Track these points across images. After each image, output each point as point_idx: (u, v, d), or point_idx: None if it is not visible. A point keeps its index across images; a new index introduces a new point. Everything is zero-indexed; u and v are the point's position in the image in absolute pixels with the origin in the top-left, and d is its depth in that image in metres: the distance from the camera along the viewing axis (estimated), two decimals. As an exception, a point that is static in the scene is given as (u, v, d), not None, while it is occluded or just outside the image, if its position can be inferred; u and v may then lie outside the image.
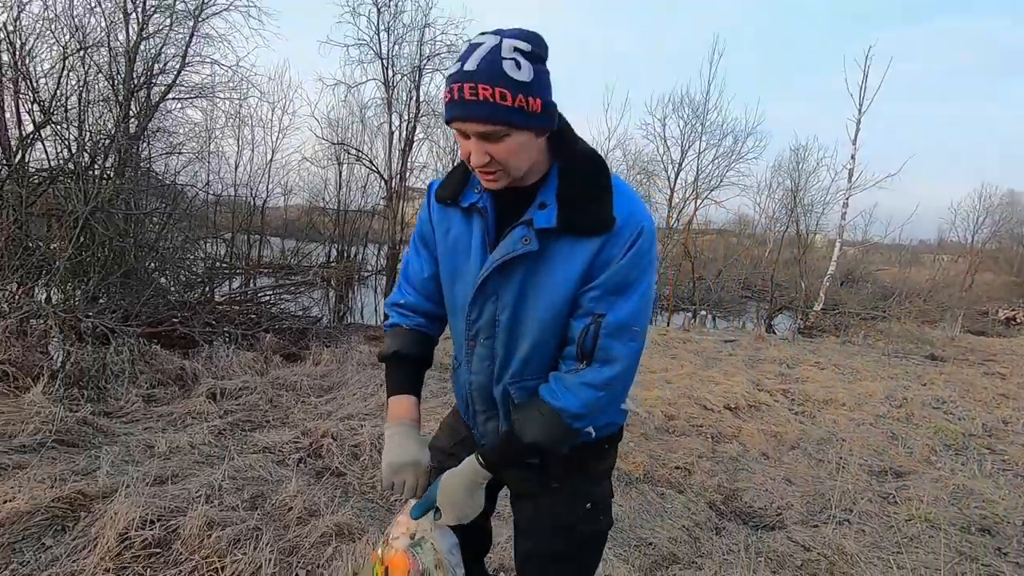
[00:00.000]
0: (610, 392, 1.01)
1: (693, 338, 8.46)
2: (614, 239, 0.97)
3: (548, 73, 0.95)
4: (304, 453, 3.41)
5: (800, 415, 5.20)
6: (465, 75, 0.89)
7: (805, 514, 3.37)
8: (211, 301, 6.96)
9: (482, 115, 0.90)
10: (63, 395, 3.86)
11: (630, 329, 1.00)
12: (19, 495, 2.21)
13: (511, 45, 0.90)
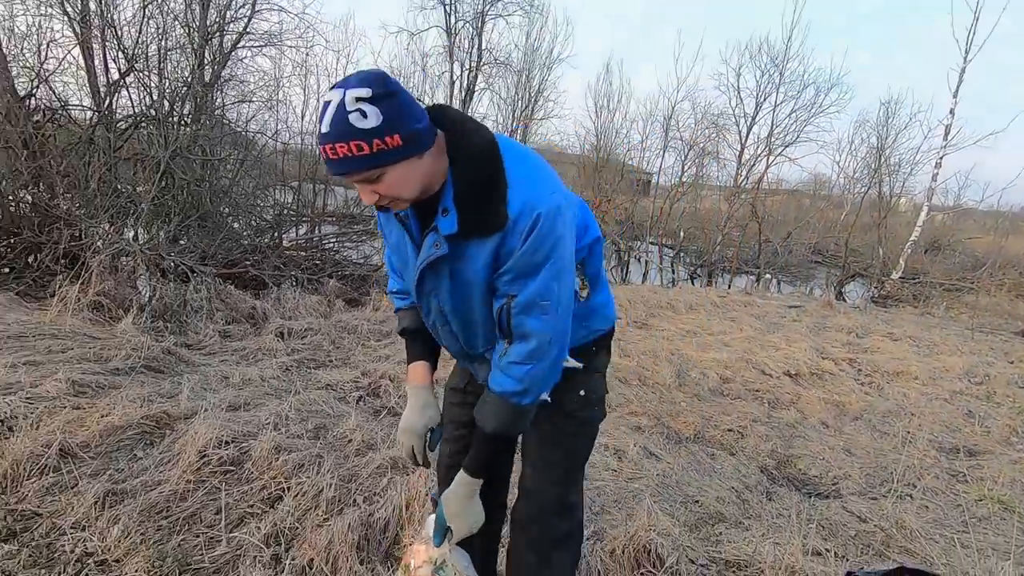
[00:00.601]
0: (539, 362, 1.11)
1: (755, 302, 8.15)
2: (511, 232, 1.04)
3: (400, 101, 0.98)
4: (363, 392, 3.58)
5: (866, 386, 4.95)
6: (324, 137, 0.96)
7: (864, 486, 3.26)
8: (279, 246, 7.28)
9: (349, 169, 0.98)
10: (150, 326, 4.20)
11: (538, 304, 1.08)
12: (114, 411, 2.45)
13: (352, 97, 0.94)
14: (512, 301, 1.09)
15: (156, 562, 1.69)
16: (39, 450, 2.10)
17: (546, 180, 1.09)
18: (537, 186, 1.06)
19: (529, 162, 1.10)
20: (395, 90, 0.97)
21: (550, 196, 1.05)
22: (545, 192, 1.06)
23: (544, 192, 1.05)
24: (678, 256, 13.41)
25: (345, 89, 0.95)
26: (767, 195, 14.16)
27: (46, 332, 3.43)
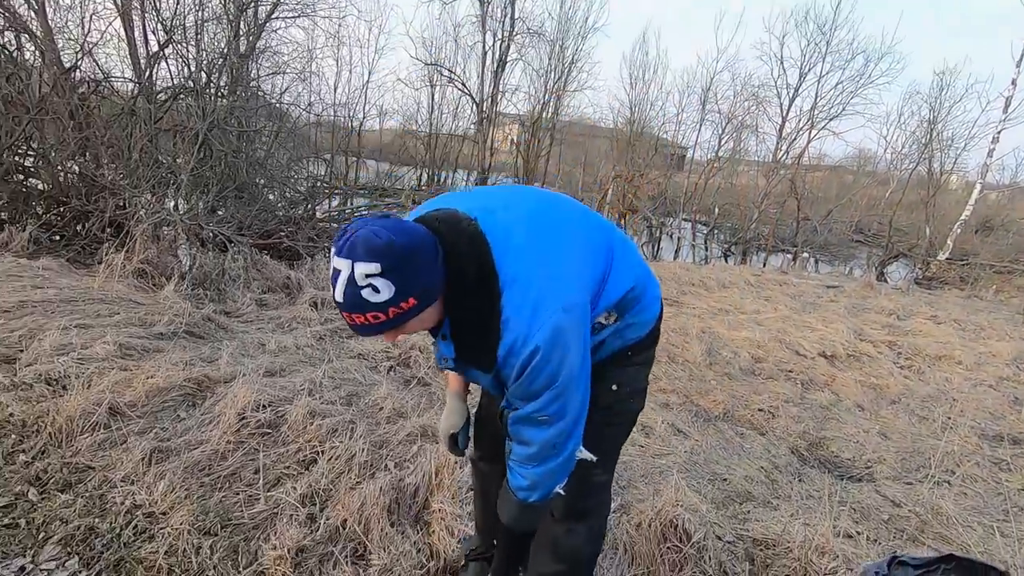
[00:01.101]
0: (542, 464, 1.10)
1: (791, 281, 7.93)
2: (505, 369, 1.05)
3: (410, 266, 0.95)
4: (394, 362, 3.64)
5: (906, 369, 4.80)
6: (338, 303, 0.96)
7: (899, 470, 3.19)
8: (313, 218, 7.39)
9: (368, 334, 0.99)
10: (190, 294, 4.34)
11: (535, 419, 1.07)
12: (159, 373, 2.55)
13: (362, 273, 0.92)
14: (510, 412, 1.10)
15: (199, 516, 1.77)
16: (91, 408, 2.21)
17: (549, 299, 1.01)
18: (533, 319, 1.00)
19: (530, 291, 1.01)
20: (405, 255, 0.94)
21: (544, 325, 0.99)
22: (540, 322, 0.99)
23: (538, 323, 0.99)
24: (711, 233, 13.11)
25: (353, 261, 0.92)
26: (807, 171, 13.66)
27: (95, 297, 3.58)
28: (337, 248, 0.94)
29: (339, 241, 0.94)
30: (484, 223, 1.05)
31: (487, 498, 1.55)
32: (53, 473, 1.95)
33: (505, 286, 1.01)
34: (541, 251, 1.05)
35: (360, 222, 0.95)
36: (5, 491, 1.86)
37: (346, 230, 0.95)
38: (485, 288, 1.01)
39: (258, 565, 1.63)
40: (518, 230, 1.06)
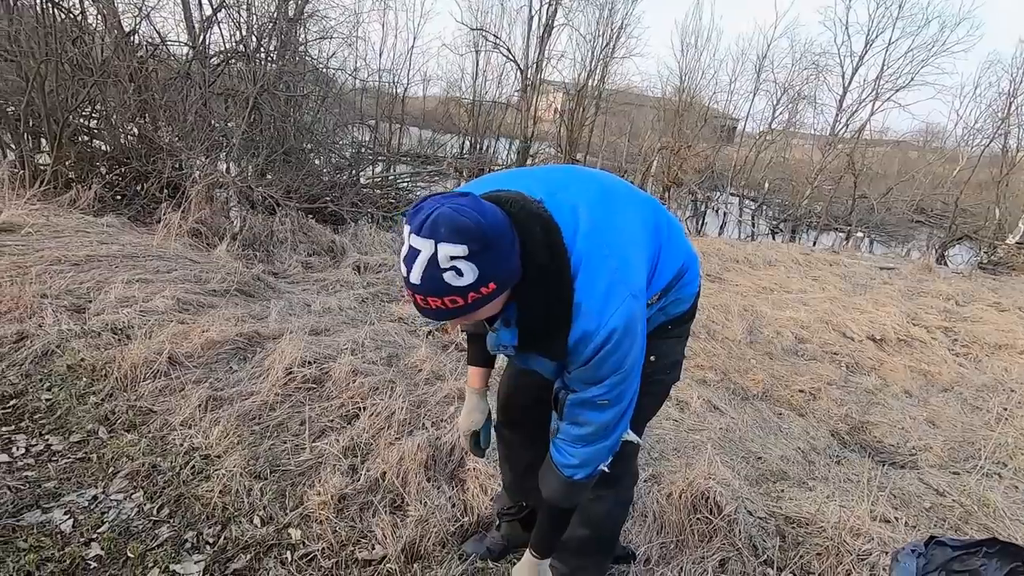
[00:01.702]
0: (593, 444, 1.10)
1: (842, 261, 7.62)
2: (572, 356, 1.02)
3: (496, 250, 0.90)
4: (432, 328, 3.71)
5: (961, 357, 4.59)
6: (413, 286, 0.89)
7: (945, 459, 3.09)
8: (357, 183, 7.52)
9: (442, 319, 0.94)
10: (241, 254, 4.52)
11: (594, 403, 1.06)
12: (213, 328, 2.69)
13: (447, 254, 0.85)
14: (570, 394, 1.08)
15: (250, 461, 1.89)
16: (152, 356, 2.36)
17: (619, 285, 0.99)
18: (604, 308, 0.98)
19: (603, 275, 0.99)
20: (491, 237, 0.88)
21: (613, 316, 0.97)
22: (609, 312, 0.97)
23: (608, 313, 0.97)
24: (760, 209, 12.66)
25: (436, 242, 0.85)
26: (868, 146, 12.92)
27: (154, 254, 3.77)
28: (415, 226, 0.86)
29: (416, 217, 0.87)
30: (550, 205, 1.01)
31: (512, 462, 1.59)
32: (120, 415, 2.11)
33: (575, 272, 0.98)
34: (606, 236, 1.02)
35: (437, 199, 0.89)
36: (78, 428, 2.02)
37: (421, 207, 0.88)
38: (556, 274, 0.97)
39: (303, 508, 1.73)
40: (582, 214, 1.02)
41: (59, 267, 3.21)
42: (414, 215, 0.88)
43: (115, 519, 1.66)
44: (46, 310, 2.68)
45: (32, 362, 2.35)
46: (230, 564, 1.56)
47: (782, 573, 1.68)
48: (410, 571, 1.53)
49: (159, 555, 1.56)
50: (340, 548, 1.61)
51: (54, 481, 1.77)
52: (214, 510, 1.71)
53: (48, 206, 4.49)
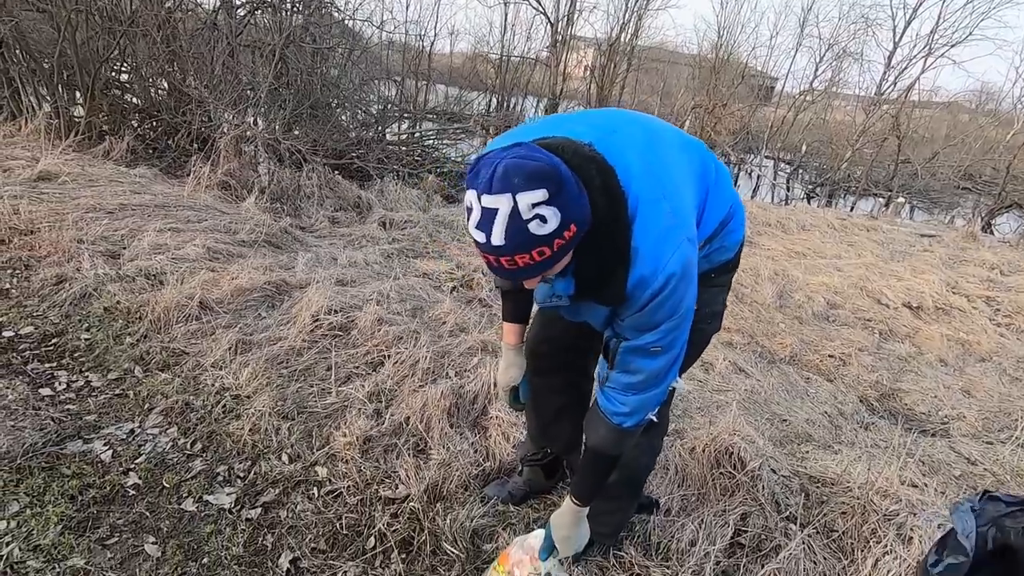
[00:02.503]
0: (643, 392, 1.09)
1: (880, 227, 7.33)
2: (629, 304, 0.99)
3: (571, 187, 0.85)
4: (457, 283, 3.72)
5: (1003, 327, 4.42)
6: (496, 248, 0.84)
7: (979, 429, 3.01)
8: (382, 140, 7.45)
9: (528, 276, 0.90)
10: (269, 207, 4.55)
11: (647, 350, 1.04)
12: (242, 276, 2.73)
13: (527, 203, 0.81)
14: (622, 342, 1.06)
15: (279, 402, 1.93)
16: (184, 301, 2.41)
17: (676, 229, 0.96)
18: (660, 253, 0.95)
19: (660, 219, 0.95)
20: (563, 176, 0.84)
21: (670, 260, 0.95)
22: (667, 257, 0.95)
23: (666, 257, 0.95)
24: (795, 172, 12.20)
25: (513, 193, 0.80)
26: (915, 107, 12.24)
27: (184, 204, 3.82)
28: (483, 186, 0.82)
29: (479, 178, 0.83)
30: (600, 149, 0.96)
31: (539, 410, 1.59)
32: (154, 355, 2.17)
33: (632, 216, 0.94)
34: (660, 179, 0.98)
35: (494, 155, 0.84)
36: (116, 366, 2.10)
37: (478, 168, 0.84)
38: (614, 219, 0.93)
39: (329, 448, 1.77)
40: (632, 157, 0.97)
41: (94, 215, 3.28)
42: (475, 177, 0.84)
43: (151, 451, 1.73)
44: (83, 255, 2.76)
45: (71, 304, 2.43)
46: (260, 497, 1.62)
47: (805, 529, 1.66)
48: (432, 510, 1.56)
49: (193, 486, 1.62)
50: (365, 486, 1.65)
51: (94, 415, 1.84)
52: (244, 447, 1.77)
53: (83, 156, 4.57)
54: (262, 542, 1.49)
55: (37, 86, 5.26)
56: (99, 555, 1.40)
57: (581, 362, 1.51)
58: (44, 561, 1.36)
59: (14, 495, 1.50)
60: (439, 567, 1.46)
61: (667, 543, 1.58)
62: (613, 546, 1.53)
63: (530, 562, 1.25)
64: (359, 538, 1.51)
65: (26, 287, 2.54)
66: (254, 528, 1.53)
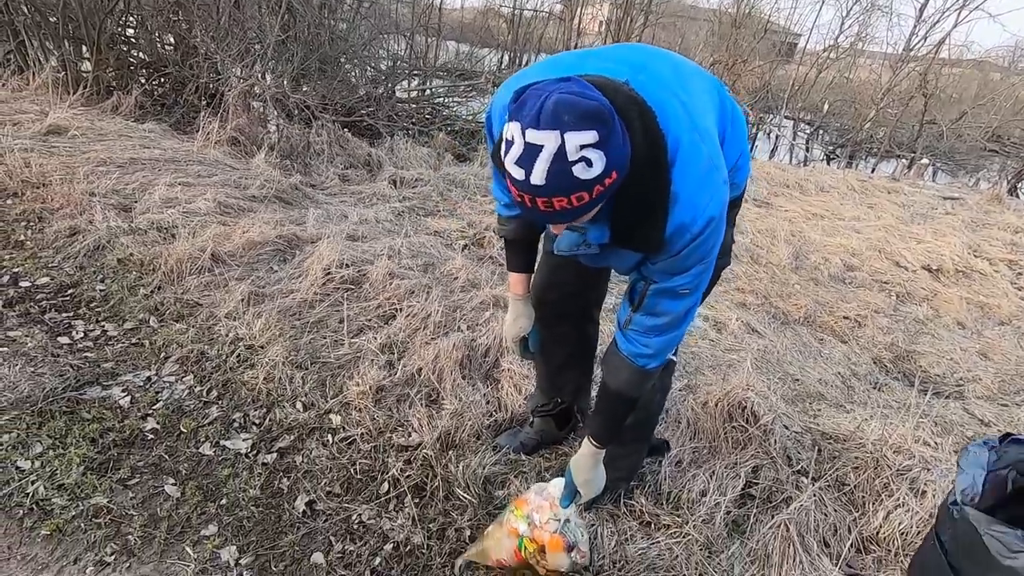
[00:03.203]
0: (667, 334, 1.08)
1: (902, 189, 7.14)
2: (665, 250, 0.97)
3: (618, 131, 0.81)
4: (468, 241, 3.69)
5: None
6: (535, 189, 0.79)
7: (994, 392, 2.98)
8: (392, 97, 7.30)
9: (564, 220, 0.87)
10: (279, 164, 4.50)
11: (676, 292, 1.03)
12: (253, 229, 2.72)
13: (576, 144, 0.76)
14: (651, 285, 1.04)
15: (292, 352, 1.95)
16: (196, 253, 2.41)
17: (712, 175, 0.93)
18: (699, 196, 0.92)
19: (699, 161, 0.92)
20: (614, 119, 0.80)
21: (709, 204, 0.93)
22: (706, 200, 0.93)
23: (705, 201, 0.92)
24: (816, 133, 11.85)
25: (562, 132, 0.75)
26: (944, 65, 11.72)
27: (194, 159, 3.79)
28: (528, 119, 0.77)
29: (524, 110, 0.78)
30: (637, 88, 0.91)
31: (547, 358, 1.58)
32: (168, 306, 2.18)
33: (672, 159, 0.90)
34: (694, 120, 0.94)
35: (543, 86, 0.79)
36: (131, 317, 2.11)
37: (525, 99, 0.79)
38: (654, 162, 0.89)
39: (343, 397, 1.79)
40: (666, 96, 0.93)
41: (105, 168, 3.26)
42: (520, 108, 0.79)
43: (168, 398, 1.75)
44: (95, 208, 2.75)
45: (85, 255, 2.44)
46: (275, 443, 1.64)
47: (816, 483, 1.67)
48: (445, 458, 1.58)
49: (209, 431, 1.65)
50: (378, 434, 1.67)
51: (111, 362, 1.87)
52: (259, 395, 1.79)
53: (91, 111, 4.53)
54: (278, 485, 1.52)
55: (43, 40, 5.18)
56: (120, 494, 1.44)
57: (587, 308, 1.51)
58: (68, 499, 1.39)
59: (37, 437, 1.54)
60: (451, 511, 1.48)
61: (677, 493, 1.59)
62: (624, 494, 1.55)
63: (550, 508, 1.26)
64: (373, 483, 1.54)
65: (40, 239, 2.55)
66: (270, 472, 1.55)
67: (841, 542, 1.53)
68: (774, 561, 1.42)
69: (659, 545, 1.44)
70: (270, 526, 1.41)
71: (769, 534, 1.48)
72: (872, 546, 1.54)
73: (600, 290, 1.52)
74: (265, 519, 1.43)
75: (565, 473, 1.29)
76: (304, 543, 1.38)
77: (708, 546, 1.46)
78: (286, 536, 1.39)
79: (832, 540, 1.53)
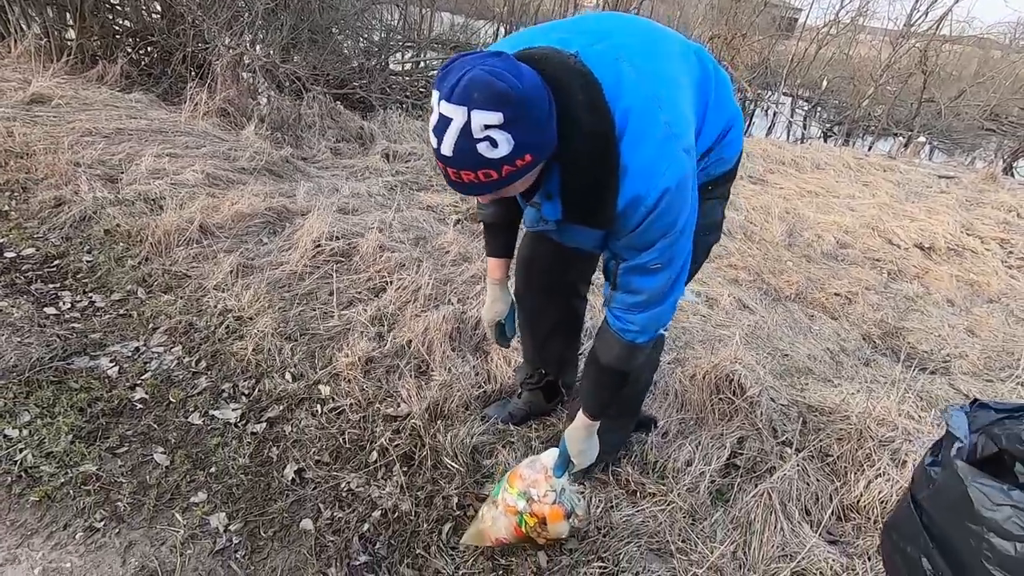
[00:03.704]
0: (649, 309, 1.06)
1: (898, 167, 7.12)
2: (621, 221, 0.95)
3: (532, 117, 0.82)
4: (461, 216, 3.66)
5: (1014, 269, 4.36)
6: (444, 158, 0.83)
7: (980, 368, 3.02)
8: (385, 69, 7.18)
9: (471, 193, 0.89)
10: (269, 136, 4.43)
11: (647, 268, 1.01)
12: (242, 201, 2.69)
13: (480, 123, 0.78)
14: (620, 263, 1.04)
15: (281, 324, 1.94)
16: (184, 225, 2.38)
17: (671, 140, 0.91)
18: (655, 167, 0.90)
19: (653, 131, 0.90)
20: (527, 103, 0.80)
21: (665, 174, 0.90)
22: (661, 171, 0.90)
23: (660, 171, 0.90)
24: (813, 110, 11.76)
25: (469, 109, 0.77)
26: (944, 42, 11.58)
27: (182, 130, 3.72)
28: (444, 91, 0.79)
29: (445, 81, 0.80)
30: (588, 59, 0.90)
31: (532, 330, 1.59)
32: (156, 277, 2.17)
33: (621, 132, 0.89)
34: (656, 87, 0.93)
35: (469, 60, 0.81)
36: (119, 288, 2.10)
37: (450, 68, 0.81)
38: (600, 136, 0.89)
39: (332, 368, 1.79)
40: (624, 65, 0.92)
41: (90, 138, 3.20)
42: (443, 78, 0.80)
43: (157, 368, 1.75)
44: (80, 178, 2.71)
45: (71, 226, 2.41)
46: (264, 413, 1.65)
47: (800, 454, 1.69)
48: (433, 427, 1.59)
49: (199, 401, 1.65)
50: (367, 404, 1.68)
51: (99, 333, 1.86)
52: (248, 365, 1.79)
53: (76, 80, 4.42)
54: (268, 454, 1.53)
55: (24, 6, 5.03)
56: (110, 462, 1.44)
57: (573, 281, 1.50)
58: (57, 467, 1.40)
59: (24, 406, 1.54)
60: (440, 479, 1.49)
61: (663, 463, 1.61)
62: (612, 464, 1.57)
63: (545, 480, 1.27)
64: (362, 452, 1.55)
65: (25, 209, 2.52)
66: (259, 441, 1.56)
67: (822, 510, 1.56)
68: (756, 528, 1.45)
69: (644, 512, 1.47)
70: (259, 493, 1.42)
71: (752, 502, 1.50)
72: (852, 514, 1.57)
73: (584, 266, 1.51)
74: (254, 487, 1.44)
75: (560, 443, 1.30)
76: (293, 510, 1.39)
77: (692, 513, 1.49)
78: (275, 503, 1.40)
79: (813, 508, 1.56)
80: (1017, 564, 0.68)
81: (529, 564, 1.32)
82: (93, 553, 1.24)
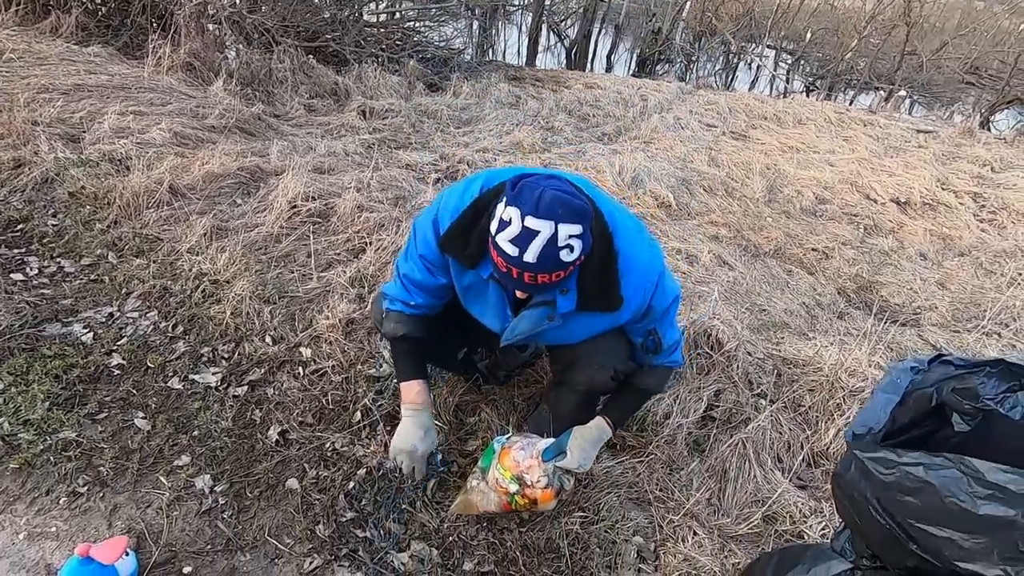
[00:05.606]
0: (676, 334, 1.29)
1: (878, 122, 7.12)
2: (627, 310, 1.13)
3: (590, 224, 1.01)
4: (441, 175, 3.60)
5: (986, 223, 4.45)
6: (525, 265, 0.96)
7: (948, 319, 3.11)
8: (360, 21, 6.86)
9: (538, 291, 1.07)
10: (239, 92, 4.25)
11: (672, 320, 1.25)
12: (213, 161, 2.60)
13: (566, 233, 0.95)
14: (658, 338, 1.22)
15: (259, 287, 1.91)
16: (153, 187, 2.31)
17: (643, 233, 1.17)
18: (640, 255, 1.12)
19: (630, 227, 1.13)
20: (590, 215, 1.00)
21: (651, 259, 1.15)
22: (646, 256, 1.14)
23: (646, 257, 1.13)
24: (796, 64, 11.62)
25: (556, 223, 0.94)
26: (929, -7, 11.41)
27: (145, 86, 3.55)
28: (529, 207, 0.94)
29: (523, 198, 0.94)
30: (571, 180, 1.10)
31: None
32: (127, 241, 2.11)
33: (618, 238, 1.08)
34: (614, 202, 1.18)
35: (535, 180, 0.97)
36: (88, 252, 2.04)
37: (520, 187, 0.96)
38: (604, 240, 1.07)
39: (312, 330, 1.78)
40: (596, 191, 1.16)
41: (47, 95, 3.04)
42: (517, 195, 0.95)
43: (133, 334, 1.72)
44: (40, 138, 2.59)
45: (33, 189, 2.32)
46: (245, 376, 1.64)
47: (774, 404, 1.75)
48: (416, 387, 1.60)
49: (177, 366, 1.64)
50: (349, 366, 1.68)
51: (70, 299, 1.82)
52: (227, 329, 1.77)
53: (27, 32, 4.17)
54: (250, 416, 1.53)
55: (-37, -52, 4.67)
56: (89, 428, 1.44)
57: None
58: (35, 434, 1.39)
59: (-3, 374, 1.51)
60: (424, 438, 1.51)
61: (642, 416, 1.65)
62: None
63: (539, 466, 1.29)
64: (345, 412, 1.56)
65: (-18, 171, 2.41)
66: (242, 404, 1.56)
67: (793, 457, 1.62)
68: (731, 476, 1.51)
69: (623, 464, 1.51)
70: (244, 455, 1.43)
71: (727, 451, 1.56)
72: (821, 460, 1.64)
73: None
74: (238, 449, 1.45)
75: (566, 435, 1.31)
76: (278, 470, 1.41)
77: (669, 464, 1.54)
78: (260, 464, 1.41)
79: (785, 456, 1.62)
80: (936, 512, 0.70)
81: (512, 515, 1.37)
82: (78, 517, 1.25)
